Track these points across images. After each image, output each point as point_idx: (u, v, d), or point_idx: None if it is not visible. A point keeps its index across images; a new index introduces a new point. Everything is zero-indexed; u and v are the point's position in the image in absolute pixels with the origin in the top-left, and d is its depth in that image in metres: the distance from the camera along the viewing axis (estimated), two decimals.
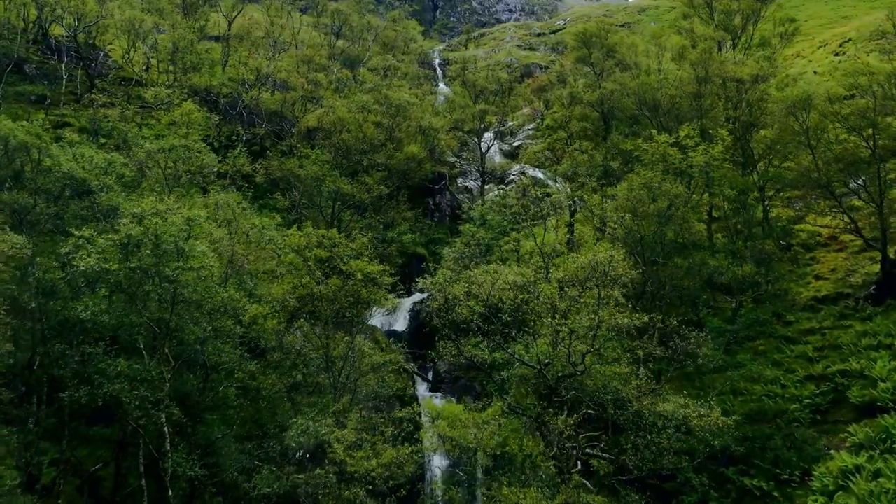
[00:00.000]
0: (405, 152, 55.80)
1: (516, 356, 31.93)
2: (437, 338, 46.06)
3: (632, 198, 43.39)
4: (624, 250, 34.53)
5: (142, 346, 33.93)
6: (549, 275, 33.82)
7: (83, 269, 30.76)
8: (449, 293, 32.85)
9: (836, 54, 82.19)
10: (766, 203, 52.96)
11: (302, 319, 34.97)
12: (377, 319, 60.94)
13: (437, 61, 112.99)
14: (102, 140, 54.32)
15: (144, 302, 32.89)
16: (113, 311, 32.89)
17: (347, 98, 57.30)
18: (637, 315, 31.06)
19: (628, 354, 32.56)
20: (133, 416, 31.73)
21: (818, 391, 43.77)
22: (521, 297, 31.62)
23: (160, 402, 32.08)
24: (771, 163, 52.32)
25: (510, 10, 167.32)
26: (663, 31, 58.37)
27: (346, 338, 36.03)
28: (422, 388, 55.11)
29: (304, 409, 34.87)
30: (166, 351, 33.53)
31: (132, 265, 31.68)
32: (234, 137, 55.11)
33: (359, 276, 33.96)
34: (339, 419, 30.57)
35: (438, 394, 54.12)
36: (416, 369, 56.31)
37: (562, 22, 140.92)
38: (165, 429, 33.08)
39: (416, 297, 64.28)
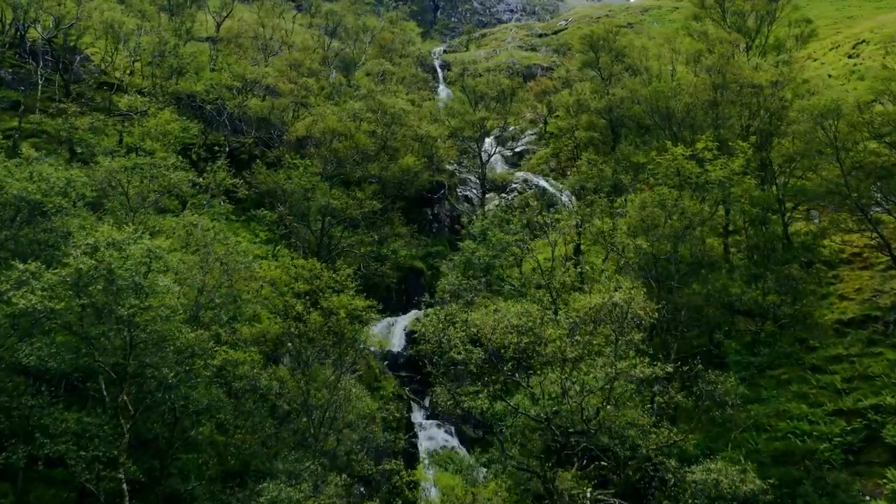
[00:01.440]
0: (400, 164, 51.02)
1: (521, 410, 27.25)
2: (431, 375, 42.23)
3: (645, 216, 38.73)
4: (644, 289, 29.84)
5: (104, 393, 29.37)
6: (558, 315, 29.04)
7: (23, 307, 26.13)
8: (443, 337, 28.10)
9: (850, 56, 77.41)
10: (787, 218, 48.23)
11: (278, 366, 30.24)
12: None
13: (437, 62, 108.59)
14: (79, 150, 49.74)
15: (101, 345, 28.26)
16: (62, 356, 28.18)
17: (339, 105, 52.49)
18: (660, 365, 26.33)
19: (649, 406, 27.79)
20: (81, 479, 27.09)
21: (849, 428, 39.16)
22: (525, 340, 26.92)
23: (115, 460, 27.46)
24: (792, 174, 47.59)
25: (511, 11, 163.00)
26: (676, 34, 53.56)
27: (332, 378, 31.34)
28: (419, 415, 50.51)
29: (283, 456, 30.33)
30: (125, 398, 28.92)
31: (83, 302, 27.10)
32: (216, 148, 50.40)
33: (342, 313, 29.29)
34: (317, 483, 25.95)
35: (435, 422, 49.65)
36: (411, 394, 51.77)
37: (564, 22, 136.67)
38: (124, 486, 28.49)
39: (413, 313, 59.60)
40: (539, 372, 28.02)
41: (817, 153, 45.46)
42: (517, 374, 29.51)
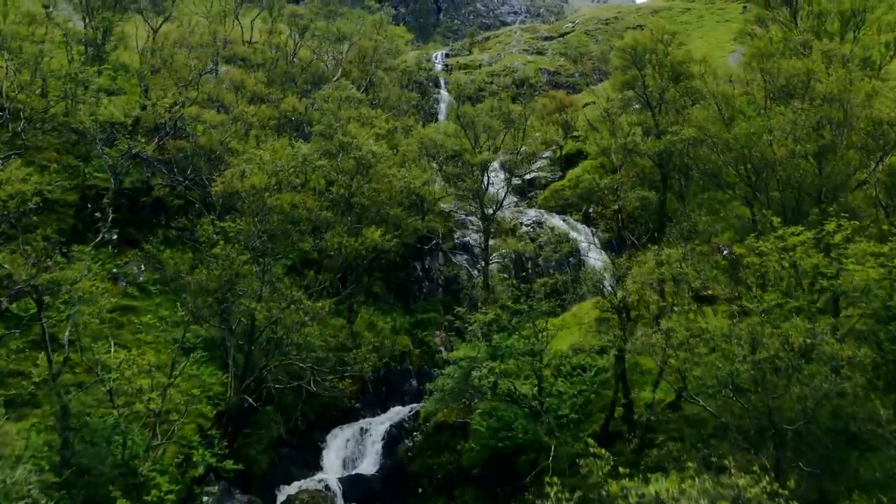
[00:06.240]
0: (363, 238, 32.21)
1: None
2: None
3: (756, 364, 20.39)
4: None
5: None
6: None
7: None
8: None
9: None
10: None
11: None
12: (334, 455, 37.94)
13: (439, 67, 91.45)
14: None
15: None
16: None
17: (286, 144, 33.43)
18: None
19: None
20: None
21: None
22: None
23: None
24: None
25: (515, 13, 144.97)
26: (769, 48, 34.55)
27: None
28: None
29: None
30: None
31: None
32: (98, 216, 31.71)
33: None
34: None
35: None
36: None
37: (570, 25, 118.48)
38: None
39: (396, 411, 41.04)
40: None
41: None
42: None
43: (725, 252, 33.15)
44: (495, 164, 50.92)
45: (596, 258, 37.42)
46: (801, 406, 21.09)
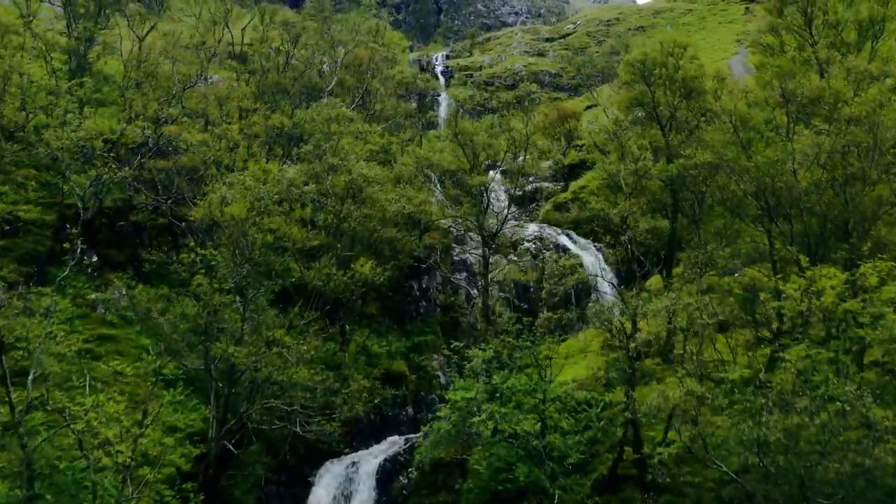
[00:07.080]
0: (355, 273, 29.70)
1: None
2: None
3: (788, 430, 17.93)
4: None
5: None
6: None
7: None
8: None
9: None
10: None
11: None
12: (324, 492, 35.30)
13: (439, 69, 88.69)
14: None
15: None
16: None
17: (255, 176, 30.64)
18: None
19: None
20: None
21: None
22: None
23: None
24: None
25: (516, 13, 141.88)
26: (791, 67, 31.81)
27: None
28: None
29: None
30: None
31: None
32: (68, 245, 29.11)
33: None
34: None
35: None
36: None
37: (572, 26, 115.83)
38: None
39: (391, 441, 38.43)
40: None
41: None
42: None
43: (737, 274, 30.61)
44: (495, 175, 48.06)
45: (605, 291, 34.84)
46: (835, 475, 18.61)
